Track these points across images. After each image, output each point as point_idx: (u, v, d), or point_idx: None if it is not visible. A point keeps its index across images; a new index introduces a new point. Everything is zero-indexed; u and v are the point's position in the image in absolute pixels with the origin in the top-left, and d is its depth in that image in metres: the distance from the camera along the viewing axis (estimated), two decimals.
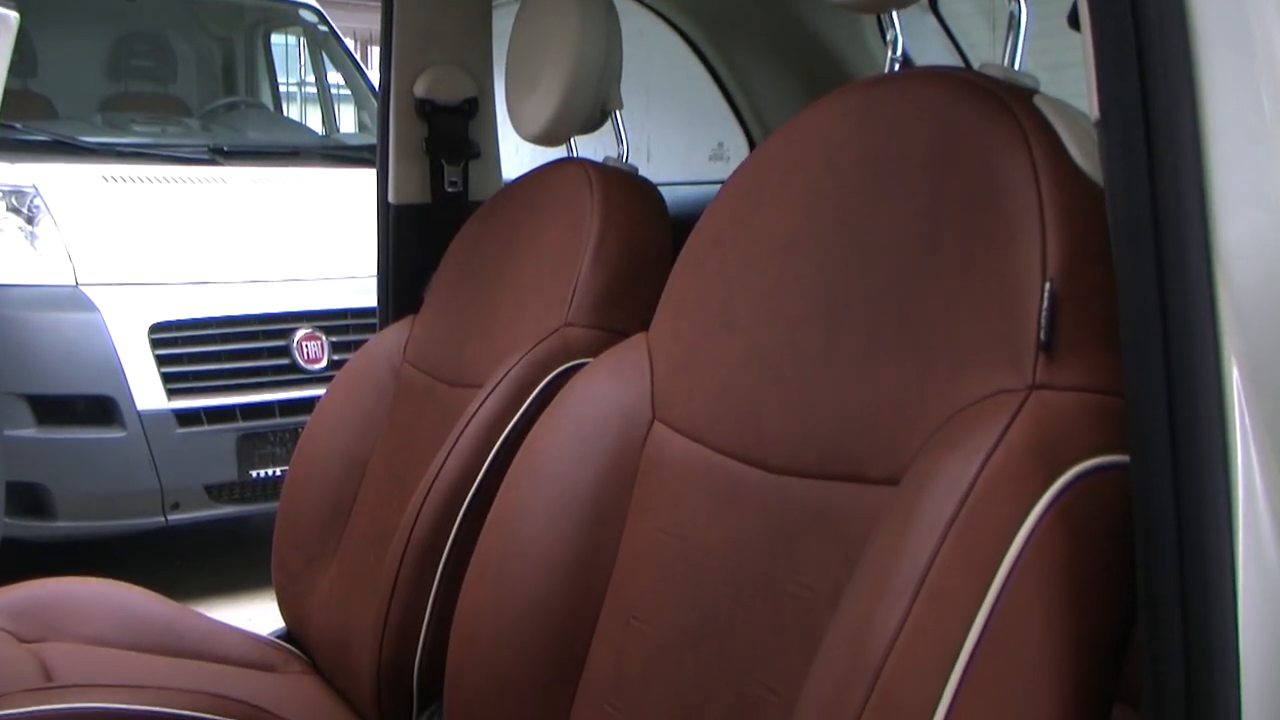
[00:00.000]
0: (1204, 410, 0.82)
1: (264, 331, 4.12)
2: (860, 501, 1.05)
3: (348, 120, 6.14)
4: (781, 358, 1.19)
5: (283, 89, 6.28)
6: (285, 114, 6.37)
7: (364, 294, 2.75)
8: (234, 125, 5.46)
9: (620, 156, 1.89)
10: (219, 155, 4.66)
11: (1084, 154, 1.01)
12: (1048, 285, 0.96)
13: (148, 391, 3.92)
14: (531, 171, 1.97)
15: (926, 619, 0.88)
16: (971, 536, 0.89)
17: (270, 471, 4.06)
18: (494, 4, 2.28)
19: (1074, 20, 0.92)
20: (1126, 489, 0.87)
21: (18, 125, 4.44)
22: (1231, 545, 0.82)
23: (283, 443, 4.06)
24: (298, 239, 4.37)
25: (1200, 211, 0.82)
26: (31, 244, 4.03)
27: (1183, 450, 0.82)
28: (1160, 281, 0.82)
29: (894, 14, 1.43)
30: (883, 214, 1.12)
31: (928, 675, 0.87)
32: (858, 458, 1.07)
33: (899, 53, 1.48)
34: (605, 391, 1.41)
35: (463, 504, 1.65)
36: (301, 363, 4.13)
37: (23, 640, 1.95)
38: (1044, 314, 0.95)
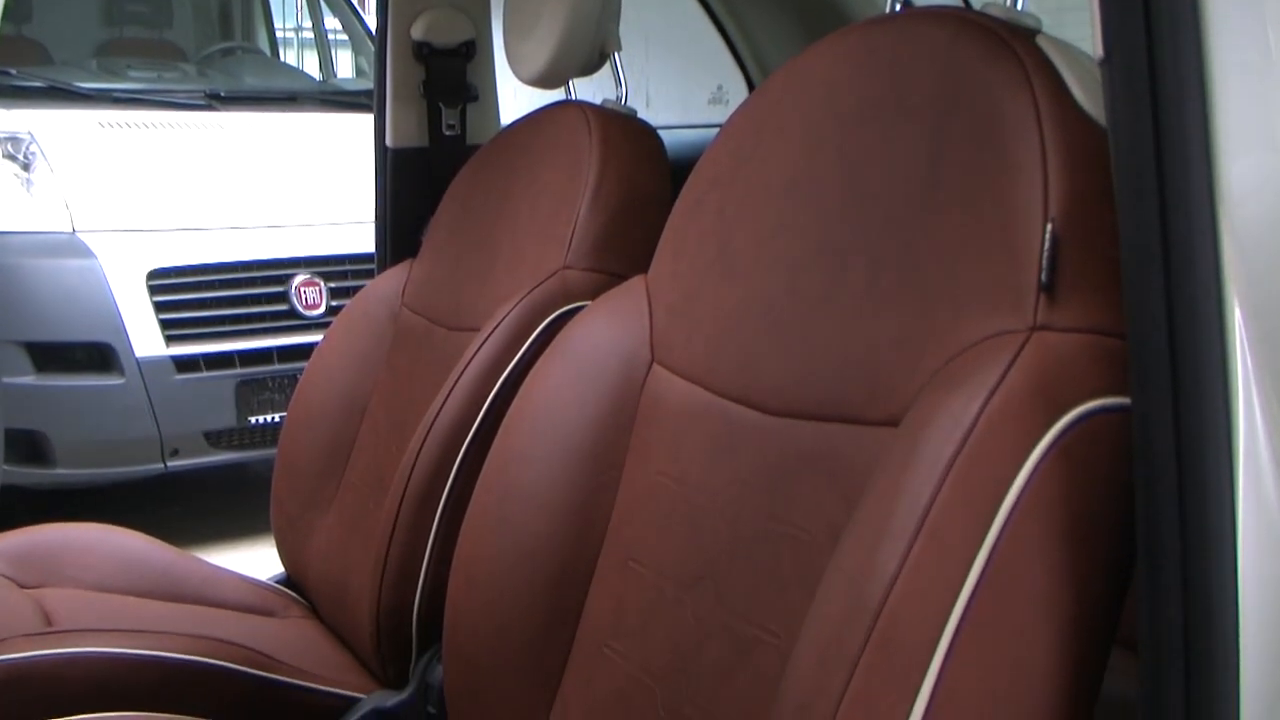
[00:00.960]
0: (1206, 352, 0.81)
1: (262, 278, 4.11)
2: (860, 443, 1.05)
3: (345, 65, 6.10)
4: (781, 300, 1.18)
5: (279, 34, 6.25)
6: (282, 59, 6.33)
7: (362, 239, 2.74)
8: (230, 71, 5.42)
9: (619, 99, 1.88)
10: (215, 101, 4.63)
11: (1087, 94, 1.00)
12: (1049, 226, 0.95)
13: (146, 338, 3.91)
14: (530, 114, 1.96)
15: (926, 559, 0.88)
16: (972, 477, 0.89)
17: (269, 418, 4.06)
18: None
19: None
20: (1127, 431, 0.87)
21: (12, 71, 4.41)
22: (1232, 488, 0.81)
23: (281, 389, 4.06)
24: (295, 185, 4.35)
25: (1204, 151, 0.81)
26: (27, 190, 4.01)
27: (1184, 392, 0.82)
28: (1163, 222, 0.82)
29: None
30: (883, 155, 1.12)
31: (928, 615, 0.87)
32: (857, 400, 1.07)
33: None
34: (604, 334, 1.40)
35: (461, 448, 1.65)
36: (300, 309, 4.12)
37: (22, 586, 1.95)
38: (1045, 255, 0.95)
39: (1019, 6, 1.12)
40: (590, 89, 1.95)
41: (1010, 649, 0.87)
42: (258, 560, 2.63)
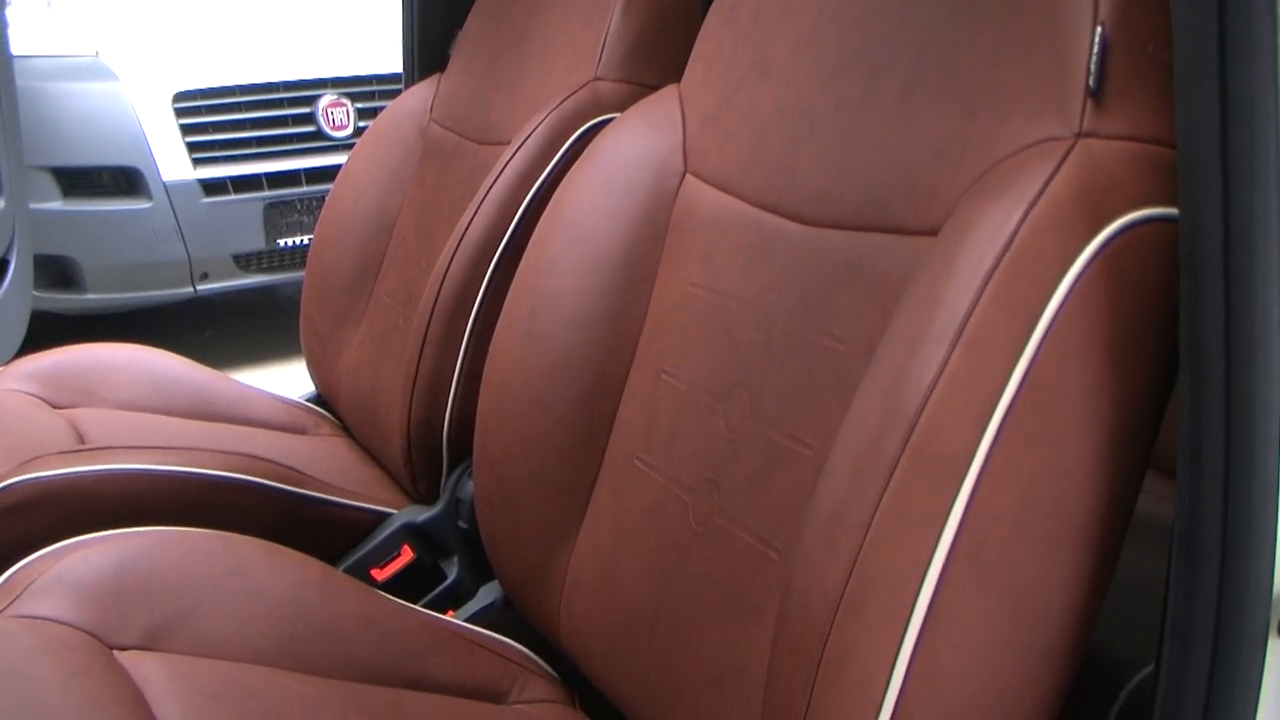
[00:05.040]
0: (1260, 159, 0.78)
1: (289, 99, 4.08)
2: (897, 253, 1.03)
3: None
4: (818, 106, 1.15)
5: None
6: None
7: (389, 59, 2.70)
8: None
9: None
10: None
11: None
12: (1099, 29, 0.92)
13: (173, 161, 3.89)
14: None
15: (964, 368, 0.86)
16: (1012, 286, 0.87)
17: (297, 240, 4.06)
18: None
19: None
20: (1174, 242, 0.85)
21: None
22: None
23: (309, 211, 4.06)
24: (321, 3, 4.30)
25: None
26: (49, 12, 3.97)
27: (1235, 203, 0.79)
28: (1220, 23, 0.78)
29: None
30: None
31: (965, 424, 0.85)
32: (895, 208, 1.04)
33: None
34: (636, 144, 1.38)
35: (491, 261, 1.64)
36: (327, 129, 4.09)
37: (55, 406, 1.97)
38: (1094, 59, 0.91)
39: None
40: None
41: (1047, 459, 0.86)
42: (288, 381, 2.64)
